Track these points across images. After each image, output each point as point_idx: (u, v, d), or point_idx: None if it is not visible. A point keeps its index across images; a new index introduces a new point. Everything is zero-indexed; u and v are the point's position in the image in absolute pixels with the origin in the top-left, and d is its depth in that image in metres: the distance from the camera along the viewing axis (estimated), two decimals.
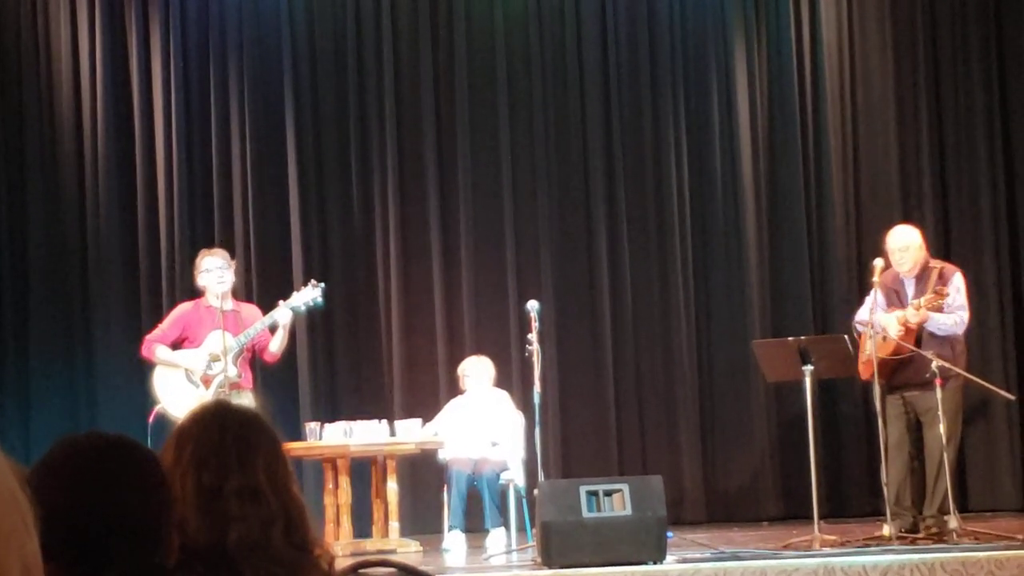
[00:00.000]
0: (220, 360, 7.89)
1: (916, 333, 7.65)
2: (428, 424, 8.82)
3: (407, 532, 8.80)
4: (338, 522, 8.30)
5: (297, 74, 10.21)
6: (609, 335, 10.21)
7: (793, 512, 9.67)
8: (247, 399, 7.83)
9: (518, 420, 8.89)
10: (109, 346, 9.75)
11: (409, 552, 8.20)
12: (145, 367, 8.29)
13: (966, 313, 7.78)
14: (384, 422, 8.49)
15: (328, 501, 8.36)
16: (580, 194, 10.41)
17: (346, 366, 10.12)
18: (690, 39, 10.58)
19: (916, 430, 7.78)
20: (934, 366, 7.34)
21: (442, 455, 8.79)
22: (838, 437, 10.17)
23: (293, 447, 8.10)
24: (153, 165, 10.02)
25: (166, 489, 2.07)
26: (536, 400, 7.76)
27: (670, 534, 7.03)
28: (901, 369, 7.66)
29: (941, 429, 7.34)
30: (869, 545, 7.13)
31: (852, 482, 10.03)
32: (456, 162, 10.28)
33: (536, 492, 6.96)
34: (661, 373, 10.29)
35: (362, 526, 8.60)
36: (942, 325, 7.65)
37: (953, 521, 7.25)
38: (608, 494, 6.66)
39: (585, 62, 10.47)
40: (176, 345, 8.13)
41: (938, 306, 7.52)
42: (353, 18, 10.32)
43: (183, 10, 10.17)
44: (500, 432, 8.76)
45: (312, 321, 9.60)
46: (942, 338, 7.67)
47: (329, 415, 9.14)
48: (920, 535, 7.54)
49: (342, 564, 2.70)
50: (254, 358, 8.30)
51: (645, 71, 10.49)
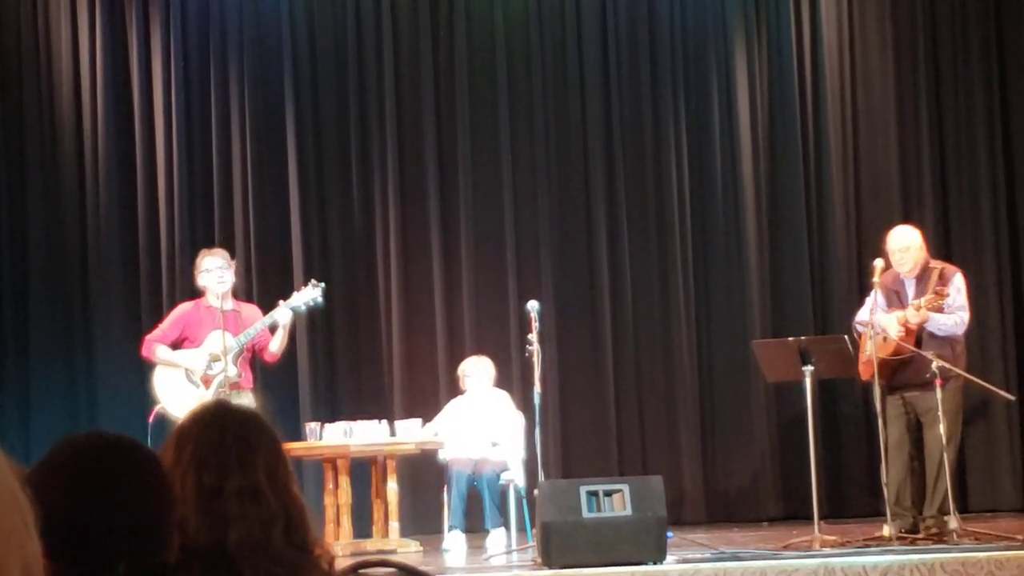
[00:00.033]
0: (220, 360, 7.89)
1: (916, 334, 7.64)
2: (428, 424, 8.82)
3: (407, 532, 8.79)
4: (338, 522, 8.30)
5: (297, 74, 10.21)
6: (609, 335, 10.21)
7: (793, 512, 9.68)
8: (247, 399, 7.83)
9: (518, 420, 8.88)
10: (109, 346, 9.75)
11: (409, 552, 8.20)
12: (145, 367, 8.29)
13: (966, 314, 7.77)
14: (384, 422, 8.49)
15: (328, 501, 8.36)
16: (580, 194, 10.41)
17: (346, 366, 10.12)
18: (690, 39, 10.58)
19: (916, 430, 7.77)
20: (934, 366, 7.34)
21: (442, 455, 8.78)
22: (838, 437, 10.16)
23: (293, 447, 8.10)
24: (153, 165, 10.02)
25: (167, 489, 2.06)
26: (536, 400, 7.75)
27: (670, 534, 7.03)
28: (901, 369, 7.66)
29: (941, 429, 7.34)
30: (869, 545, 7.13)
31: (852, 482, 10.02)
32: (456, 162, 10.27)
33: (536, 492, 6.96)
34: (661, 373, 10.28)
35: (362, 526, 8.60)
36: (942, 326, 7.64)
37: (953, 521, 7.24)
38: (608, 494, 6.66)
39: (585, 62, 10.47)
40: (176, 345, 8.13)
41: (938, 307, 7.52)
42: (353, 18, 10.32)
43: (183, 10, 10.17)
44: (500, 432, 8.76)
45: (312, 321, 9.60)
46: (942, 338, 7.66)
47: (329, 415, 9.14)
48: (920, 535, 7.53)
49: (342, 564, 2.69)
50: (254, 358, 8.31)
51: (645, 71, 10.48)
